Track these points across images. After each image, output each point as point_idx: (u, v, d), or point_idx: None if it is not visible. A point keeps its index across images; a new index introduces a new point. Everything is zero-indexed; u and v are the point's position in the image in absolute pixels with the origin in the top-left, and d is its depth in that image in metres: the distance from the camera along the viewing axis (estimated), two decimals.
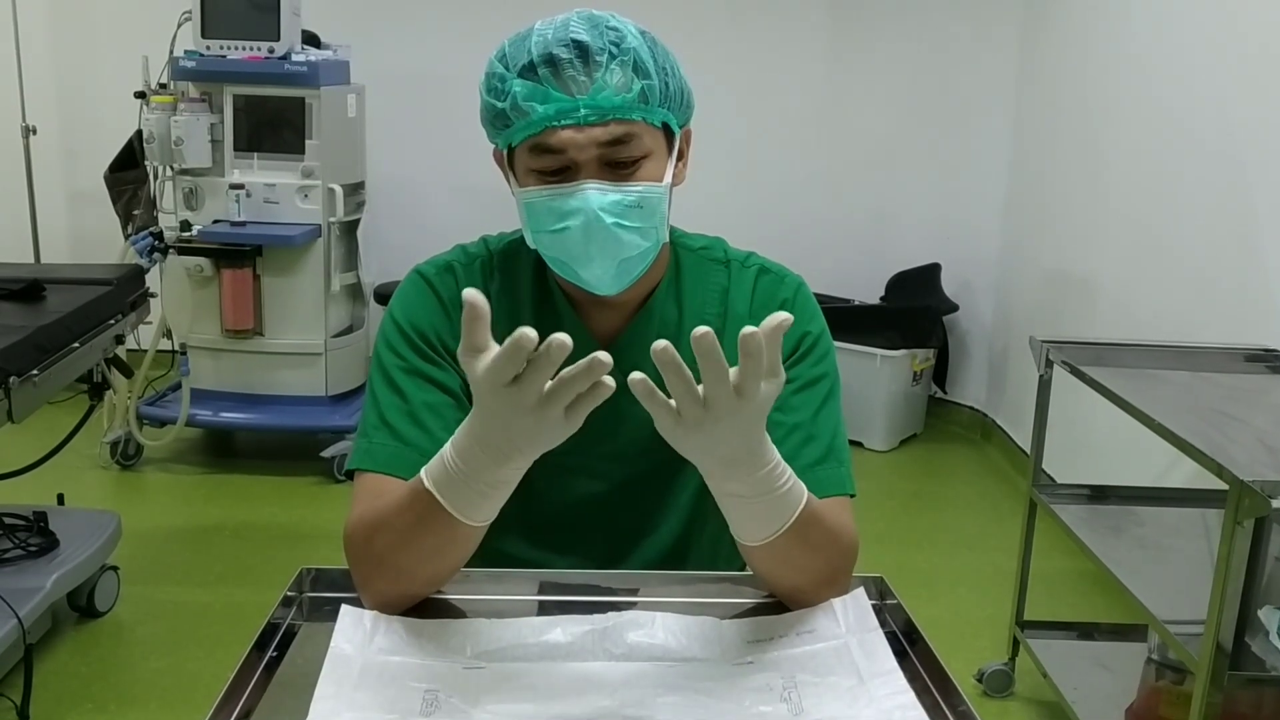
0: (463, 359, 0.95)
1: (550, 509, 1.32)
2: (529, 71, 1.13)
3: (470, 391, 1.24)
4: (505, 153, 1.21)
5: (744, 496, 1.06)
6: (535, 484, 1.13)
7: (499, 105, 1.15)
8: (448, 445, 1.04)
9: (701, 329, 0.90)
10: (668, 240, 1.25)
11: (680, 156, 1.24)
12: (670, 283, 1.31)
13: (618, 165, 1.15)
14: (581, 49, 1.12)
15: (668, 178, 1.19)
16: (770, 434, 1.15)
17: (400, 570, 1.11)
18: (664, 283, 1.30)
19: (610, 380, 0.93)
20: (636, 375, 0.94)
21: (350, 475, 1.23)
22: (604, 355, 0.91)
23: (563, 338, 0.89)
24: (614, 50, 1.13)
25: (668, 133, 1.20)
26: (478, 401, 0.98)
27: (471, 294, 0.93)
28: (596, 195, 1.14)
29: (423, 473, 1.06)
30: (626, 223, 1.15)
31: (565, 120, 1.12)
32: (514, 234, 1.32)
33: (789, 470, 1.07)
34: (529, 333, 0.89)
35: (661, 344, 0.91)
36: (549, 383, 0.93)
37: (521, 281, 1.30)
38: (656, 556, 1.34)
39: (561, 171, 1.15)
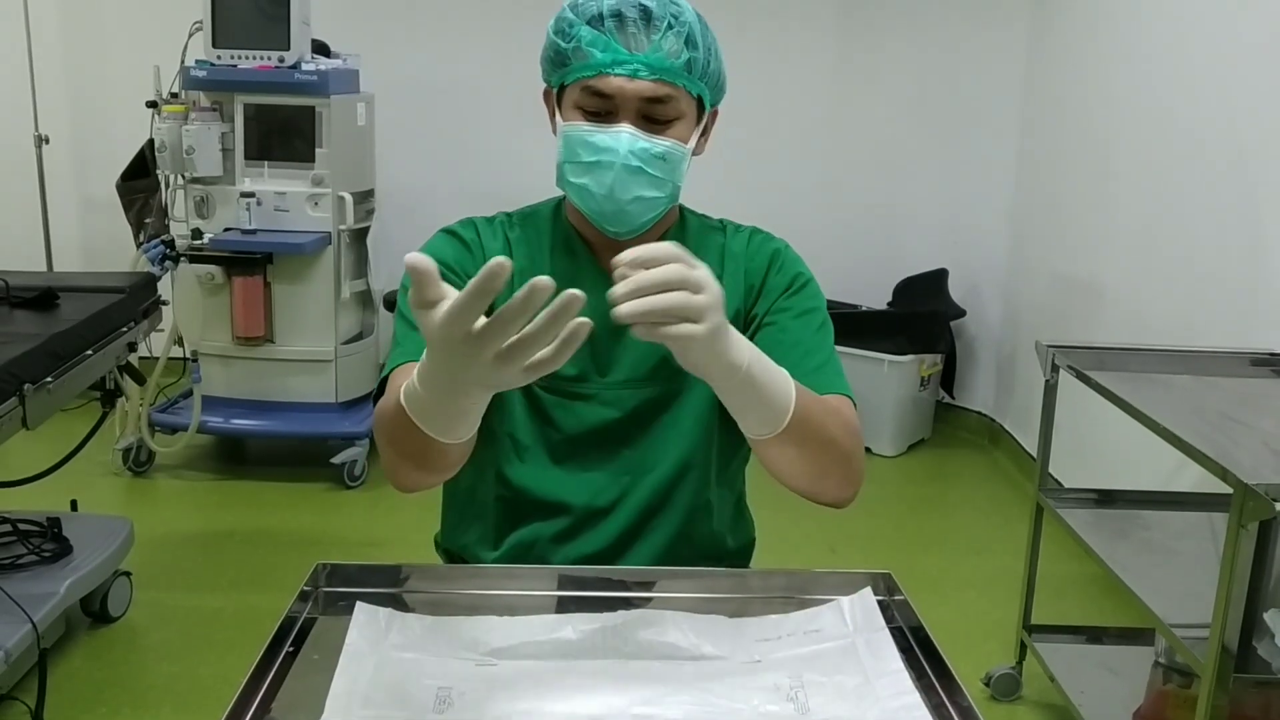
0: (416, 313, 0.93)
1: (566, 436, 1.41)
2: (597, 21, 1.28)
3: (488, 312, 1.33)
4: (556, 91, 1.36)
5: (748, 381, 1.11)
6: (551, 413, 1.38)
7: (563, 45, 1.30)
8: (414, 372, 1.05)
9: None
10: (679, 205, 1.42)
11: (705, 132, 1.38)
12: (678, 233, 1.45)
13: (653, 120, 1.30)
14: (645, 12, 1.28)
15: (692, 142, 1.35)
16: (775, 351, 1.26)
17: (408, 458, 1.19)
18: (671, 232, 1.45)
19: (586, 321, 0.90)
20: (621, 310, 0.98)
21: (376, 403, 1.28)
22: (578, 293, 0.88)
23: (545, 280, 0.86)
24: (673, 20, 1.28)
25: (700, 105, 1.35)
26: (429, 350, 0.97)
27: (414, 256, 0.90)
28: (629, 139, 1.29)
29: (400, 394, 1.08)
30: (649, 169, 1.30)
31: (619, 70, 1.27)
32: (528, 207, 1.48)
33: (764, 356, 1.14)
34: (499, 267, 0.86)
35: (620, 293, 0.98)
36: (511, 338, 0.90)
37: (541, 228, 1.45)
38: (663, 483, 1.42)
39: (605, 114, 1.30)
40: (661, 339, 1.01)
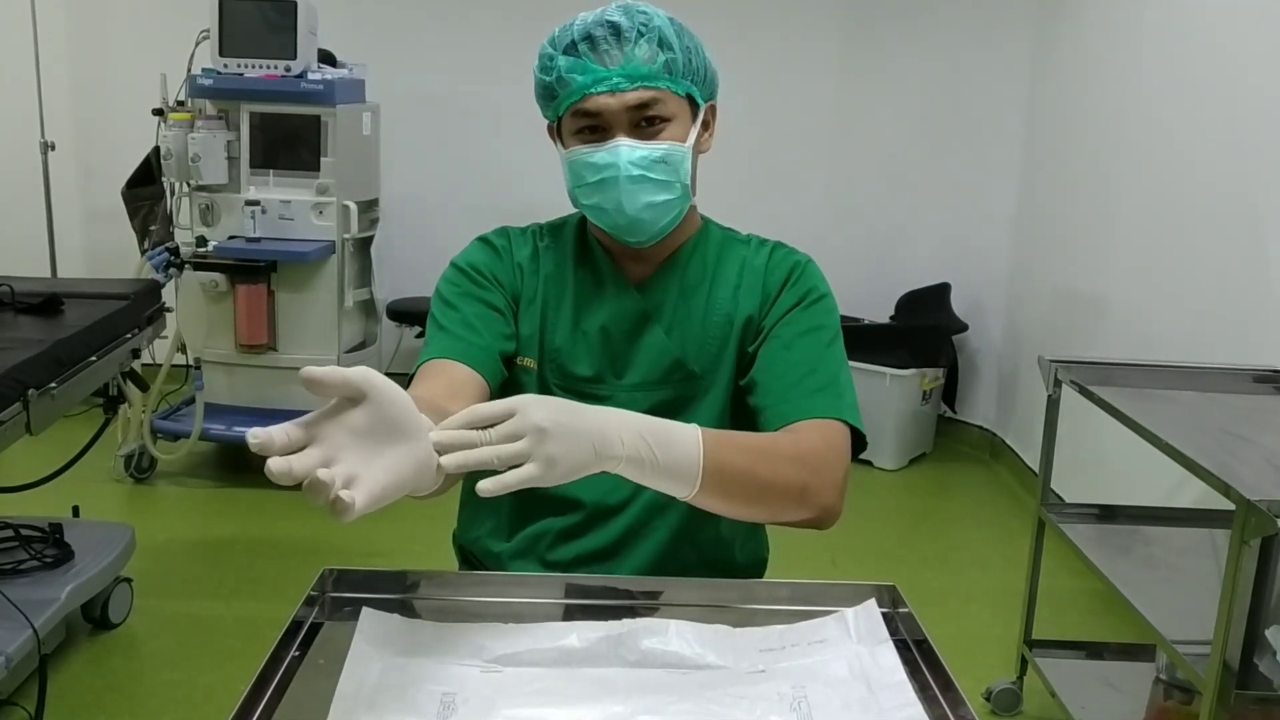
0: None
1: None
2: (571, 49, 1.34)
3: (516, 310, 1.48)
4: (555, 125, 1.42)
5: (635, 466, 1.12)
6: None
7: (547, 79, 1.37)
8: None
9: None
10: (696, 206, 1.46)
11: (705, 127, 1.43)
12: (699, 242, 1.50)
13: (645, 126, 1.35)
14: (614, 28, 1.34)
15: (691, 139, 1.39)
16: (772, 368, 1.35)
17: None
18: (692, 241, 1.49)
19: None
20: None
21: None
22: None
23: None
24: (642, 29, 1.34)
25: (693, 103, 1.39)
26: None
27: (308, 370, 0.99)
28: (626, 150, 1.34)
29: None
30: (652, 175, 1.35)
31: (600, 88, 1.33)
32: (560, 218, 1.54)
33: (663, 427, 1.14)
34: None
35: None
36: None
37: (567, 239, 1.51)
38: None
39: (599, 133, 1.36)
40: (503, 488, 1.03)
